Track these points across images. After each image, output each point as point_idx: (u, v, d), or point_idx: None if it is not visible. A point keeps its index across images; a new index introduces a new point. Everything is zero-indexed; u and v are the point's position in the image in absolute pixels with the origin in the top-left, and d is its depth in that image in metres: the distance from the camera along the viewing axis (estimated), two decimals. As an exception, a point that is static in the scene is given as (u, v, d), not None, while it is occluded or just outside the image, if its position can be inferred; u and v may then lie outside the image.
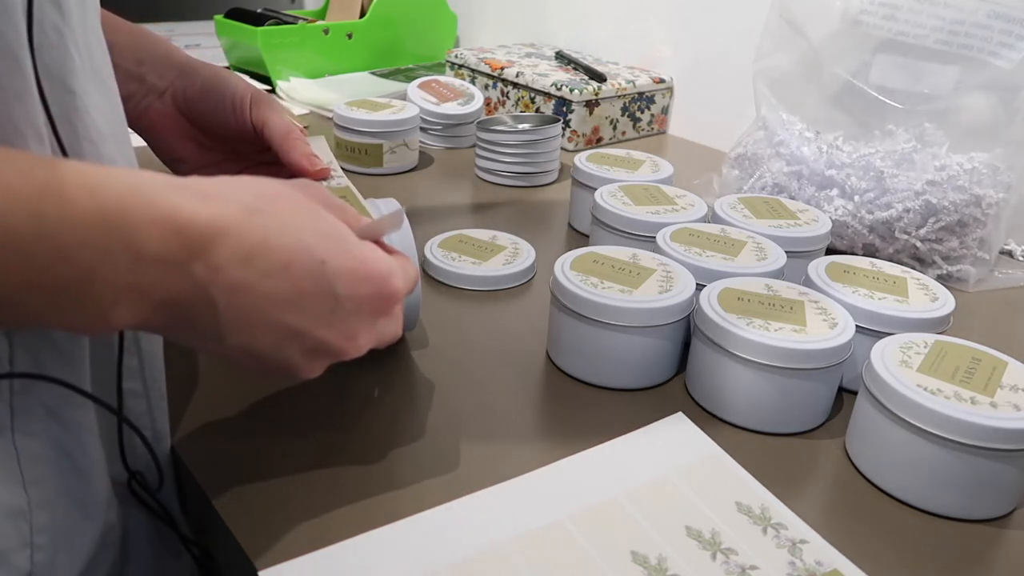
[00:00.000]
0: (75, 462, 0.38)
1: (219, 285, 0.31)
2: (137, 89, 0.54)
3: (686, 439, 0.49)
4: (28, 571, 0.36)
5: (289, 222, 0.33)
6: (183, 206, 0.30)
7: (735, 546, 0.41)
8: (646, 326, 0.52)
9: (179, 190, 0.31)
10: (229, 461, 0.45)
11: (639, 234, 0.66)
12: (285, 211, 0.34)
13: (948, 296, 0.57)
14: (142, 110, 0.55)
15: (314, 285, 0.33)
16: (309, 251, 0.33)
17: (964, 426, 0.42)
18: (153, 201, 0.29)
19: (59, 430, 0.37)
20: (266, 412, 0.49)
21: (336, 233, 0.35)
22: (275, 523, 0.41)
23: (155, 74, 0.54)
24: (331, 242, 0.34)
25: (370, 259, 0.36)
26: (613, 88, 1.06)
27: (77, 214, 0.27)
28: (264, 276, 0.32)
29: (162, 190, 0.30)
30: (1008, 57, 0.70)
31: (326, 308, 0.34)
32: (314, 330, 0.34)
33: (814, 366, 0.48)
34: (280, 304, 0.33)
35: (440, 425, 0.49)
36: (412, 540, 0.40)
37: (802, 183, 0.78)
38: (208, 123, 0.55)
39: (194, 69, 0.55)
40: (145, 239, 0.29)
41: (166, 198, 0.30)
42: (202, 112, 0.55)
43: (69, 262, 0.28)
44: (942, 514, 0.45)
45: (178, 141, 0.56)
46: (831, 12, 0.78)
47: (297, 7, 1.64)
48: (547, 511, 0.42)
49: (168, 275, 0.30)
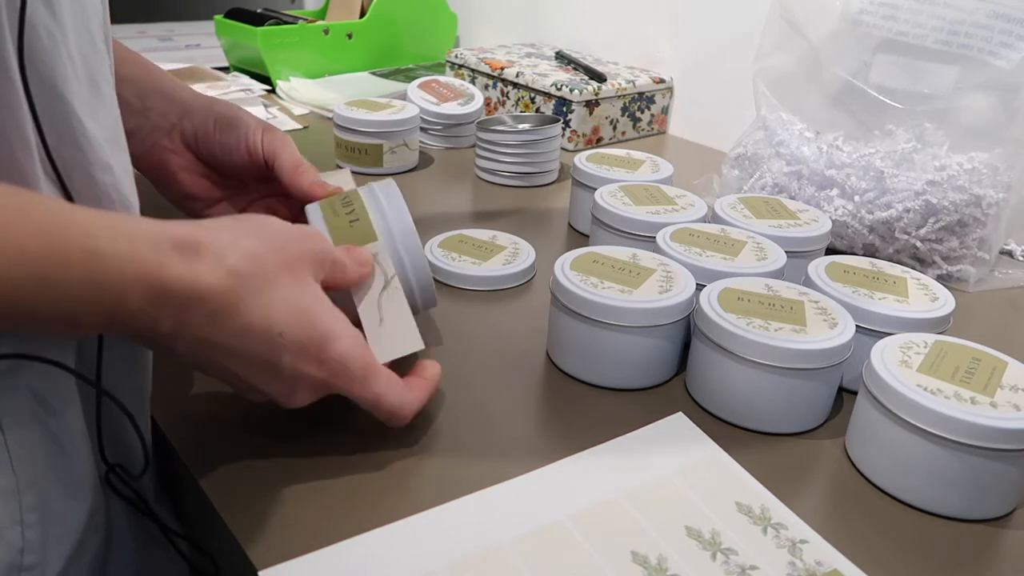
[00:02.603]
0: (61, 445, 0.39)
1: (181, 336, 0.36)
2: (142, 124, 0.54)
3: (686, 439, 0.49)
4: (20, 547, 0.36)
5: (263, 290, 0.37)
6: (172, 271, 0.34)
7: (735, 546, 0.41)
8: (646, 326, 0.52)
9: (175, 248, 0.34)
10: (229, 461, 0.45)
11: (639, 234, 0.66)
12: (266, 275, 0.37)
13: (948, 296, 0.57)
14: (149, 147, 0.55)
15: (264, 350, 0.38)
16: (270, 321, 0.37)
17: (964, 426, 0.42)
18: (147, 267, 0.33)
19: (45, 413, 0.38)
20: (266, 412, 0.49)
21: (304, 304, 0.39)
22: (275, 523, 0.41)
23: (158, 111, 0.55)
24: (293, 316, 0.38)
25: (327, 338, 0.40)
26: (613, 88, 1.06)
27: (75, 278, 0.31)
28: (223, 334, 0.37)
29: (158, 251, 0.34)
30: (1008, 57, 0.70)
31: (268, 370, 0.39)
32: (255, 382, 0.40)
33: (814, 366, 0.48)
34: (229, 356, 0.38)
35: (440, 425, 0.49)
36: (412, 540, 0.40)
37: (802, 183, 0.78)
38: (219, 161, 0.56)
39: (204, 107, 0.56)
40: (130, 298, 0.33)
41: (159, 261, 0.33)
42: (214, 151, 0.56)
43: (60, 311, 0.32)
44: (942, 514, 0.45)
45: (188, 178, 0.57)
46: (831, 12, 0.78)
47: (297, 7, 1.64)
48: (547, 511, 0.42)
49: (140, 322, 0.34)
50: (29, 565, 0.37)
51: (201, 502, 0.43)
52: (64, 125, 0.36)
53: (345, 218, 0.49)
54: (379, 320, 0.46)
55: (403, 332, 0.46)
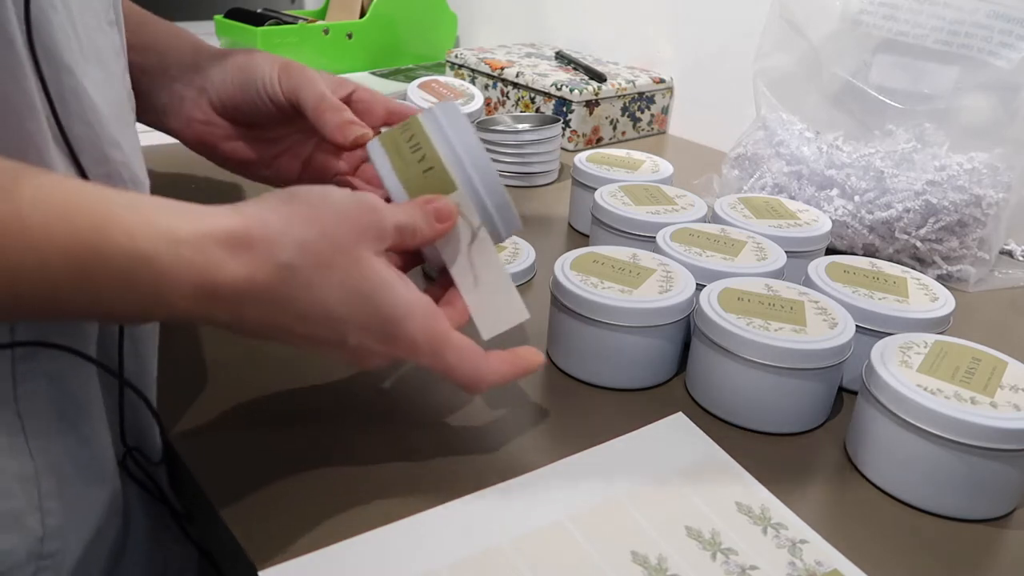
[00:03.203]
0: (79, 430, 0.39)
1: (238, 324, 0.35)
2: (170, 98, 0.52)
3: (686, 439, 0.49)
4: (40, 535, 0.36)
5: (318, 279, 0.35)
6: (219, 268, 0.32)
7: (735, 546, 0.41)
8: (646, 326, 0.52)
9: (222, 245, 0.33)
10: (229, 461, 0.45)
11: (639, 234, 0.66)
12: (320, 264, 0.35)
13: (948, 296, 0.57)
14: (185, 123, 0.52)
15: (327, 332, 0.36)
16: (328, 308, 0.36)
17: (964, 426, 0.42)
18: (192, 270, 0.32)
19: (62, 398, 0.37)
20: (266, 412, 0.49)
21: (364, 287, 0.36)
22: (275, 523, 0.41)
23: (182, 82, 0.52)
24: (353, 301, 0.36)
25: (392, 319, 0.37)
26: (613, 88, 1.06)
27: (117, 282, 0.31)
28: (281, 320, 0.35)
29: (204, 252, 0.32)
30: (1008, 57, 0.70)
31: (334, 346, 0.37)
32: (323, 352, 0.38)
33: (814, 366, 0.48)
34: (291, 335, 0.36)
35: (440, 425, 0.49)
36: (412, 540, 0.40)
37: (802, 183, 0.78)
38: (252, 119, 0.52)
39: (219, 66, 0.51)
40: (176, 301, 0.32)
41: (205, 263, 0.32)
42: (243, 111, 0.51)
43: (99, 310, 0.32)
44: (942, 514, 0.45)
45: (232, 146, 0.53)
46: (831, 12, 0.78)
47: (297, 7, 1.64)
48: (547, 511, 0.42)
49: (191, 317, 0.33)
50: (50, 552, 0.37)
51: (201, 502, 0.43)
52: (74, 100, 0.36)
53: (416, 165, 0.43)
54: (473, 281, 0.43)
55: (505, 300, 0.43)
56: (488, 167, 0.43)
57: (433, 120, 0.43)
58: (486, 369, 0.40)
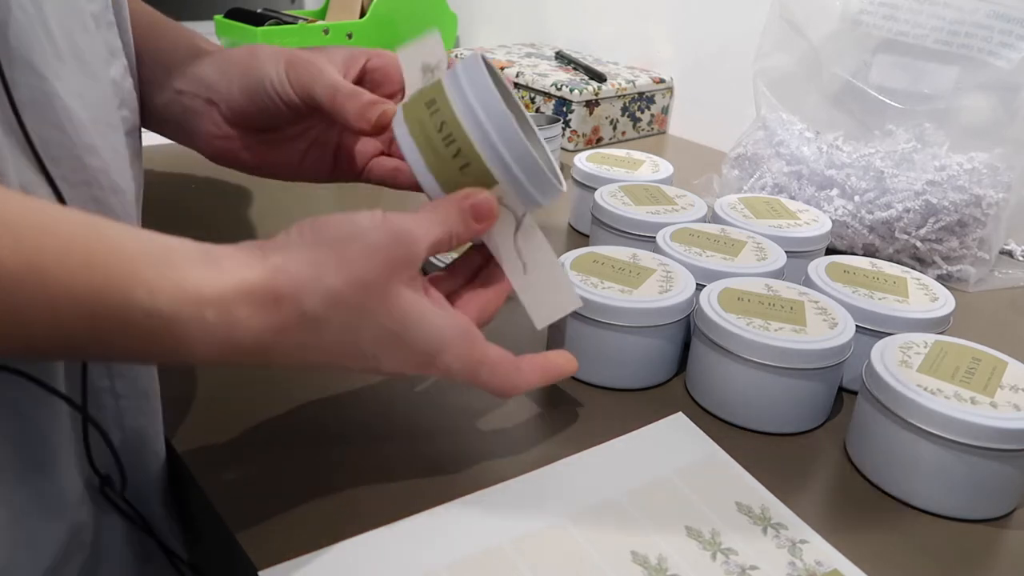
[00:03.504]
0: (39, 460, 0.37)
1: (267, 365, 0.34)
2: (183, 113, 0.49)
3: (686, 439, 0.49)
4: None
5: (347, 325, 0.34)
6: (245, 327, 0.32)
7: (735, 546, 0.41)
8: (646, 326, 0.52)
9: (248, 300, 0.32)
10: (229, 461, 0.45)
11: (639, 234, 0.66)
12: (351, 311, 0.34)
13: (948, 296, 0.57)
14: (206, 141, 0.49)
15: (360, 364, 0.36)
16: (360, 348, 0.35)
17: (964, 426, 0.42)
18: (216, 333, 0.31)
19: (22, 427, 0.36)
20: (266, 412, 0.49)
21: (396, 328, 0.36)
22: (275, 523, 0.41)
23: (190, 93, 0.48)
24: (385, 342, 0.36)
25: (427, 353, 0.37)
26: (613, 88, 1.06)
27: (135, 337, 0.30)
28: (310, 357, 0.35)
29: (228, 314, 0.31)
30: (1008, 57, 0.70)
31: (369, 370, 0.37)
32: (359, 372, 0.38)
33: (814, 366, 0.48)
34: (325, 366, 0.36)
35: (440, 425, 0.49)
36: (412, 540, 0.40)
37: (802, 183, 0.78)
38: (270, 126, 0.49)
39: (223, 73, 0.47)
40: (197, 355, 0.31)
41: (230, 318, 0.31)
42: (257, 119, 0.48)
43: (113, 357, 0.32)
44: (942, 514, 0.45)
45: (255, 158, 0.50)
46: (831, 12, 0.78)
47: (297, 7, 1.64)
48: (547, 511, 0.42)
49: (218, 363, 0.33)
50: None
51: (201, 502, 0.43)
52: (45, 105, 0.34)
53: (452, 162, 0.40)
54: (523, 268, 0.42)
55: (556, 288, 0.42)
56: (518, 141, 0.39)
57: (460, 95, 0.39)
58: (518, 380, 0.40)
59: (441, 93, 0.40)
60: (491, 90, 0.39)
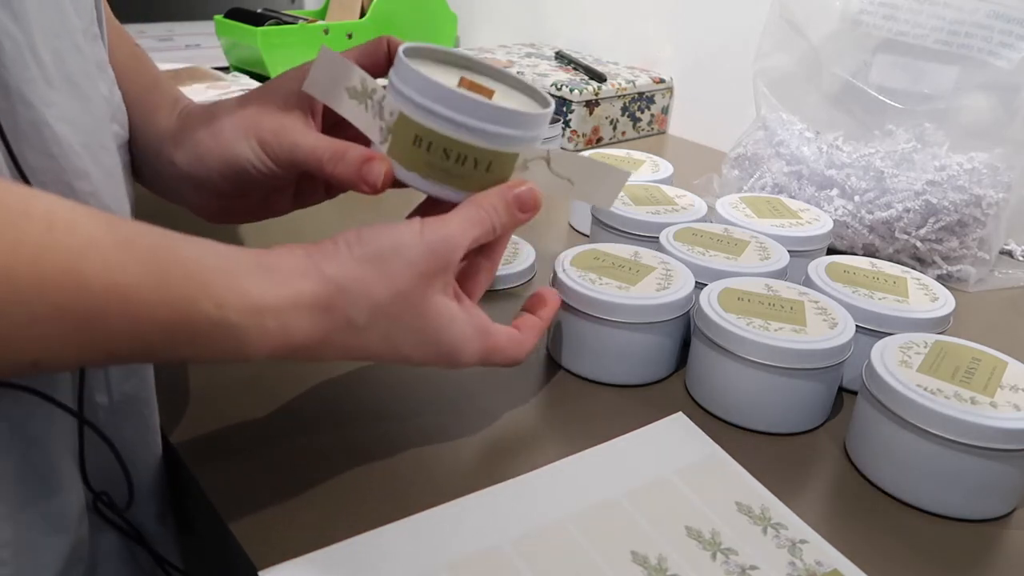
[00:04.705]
0: (42, 476, 0.37)
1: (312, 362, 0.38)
2: (161, 173, 0.48)
3: (686, 439, 0.49)
4: None
5: (389, 335, 0.38)
6: (298, 332, 0.35)
7: (735, 546, 0.41)
8: (643, 323, 0.52)
9: (303, 309, 0.35)
10: (229, 461, 0.45)
11: (639, 234, 0.66)
12: (391, 320, 0.38)
13: (948, 296, 0.57)
14: (209, 215, 0.49)
15: (393, 358, 0.40)
16: (395, 351, 0.39)
17: (964, 426, 0.42)
18: (273, 339, 0.34)
19: (23, 443, 0.36)
20: (266, 412, 0.49)
21: (428, 330, 0.40)
22: (275, 523, 0.41)
23: (166, 159, 0.47)
24: (417, 343, 0.40)
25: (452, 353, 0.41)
26: (613, 88, 1.06)
27: (200, 344, 0.32)
28: (356, 354, 0.38)
29: (286, 315, 0.34)
30: (1008, 57, 0.70)
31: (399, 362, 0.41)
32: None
33: (814, 366, 0.48)
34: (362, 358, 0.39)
35: (440, 424, 0.49)
36: (412, 540, 0.40)
37: (802, 183, 0.78)
38: (265, 191, 0.48)
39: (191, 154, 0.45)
40: (255, 357, 0.34)
41: (287, 324, 0.34)
42: (251, 193, 0.48)
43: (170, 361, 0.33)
44: (942, 514, 0.45)
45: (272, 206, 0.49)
46: (831, 12, 0.78)
47: (297, 7, 1.64)
48: (547, 511, 0.42)
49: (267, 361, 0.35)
50: None
51: (201, 502, 0.43)
52: (33, 133, 0.34)
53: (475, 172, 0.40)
54: (569, 184, 0.44)
55: (603, 175, 0.44)
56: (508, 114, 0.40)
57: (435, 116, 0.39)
58: (523, 349, 0.45)
59: (419, 126, 0.39)
60: (454, 91, 0.39)
